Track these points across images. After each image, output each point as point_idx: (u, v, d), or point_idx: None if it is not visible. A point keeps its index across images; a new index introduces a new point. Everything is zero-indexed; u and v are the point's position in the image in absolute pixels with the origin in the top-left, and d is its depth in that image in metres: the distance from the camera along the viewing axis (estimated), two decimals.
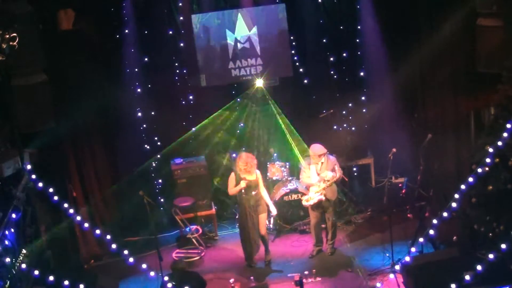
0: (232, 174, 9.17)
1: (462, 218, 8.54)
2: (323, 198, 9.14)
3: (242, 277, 9.13)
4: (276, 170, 10.54)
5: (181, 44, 11.10)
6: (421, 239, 8.53)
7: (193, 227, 10.34)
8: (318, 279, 8.84)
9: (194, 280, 8.01)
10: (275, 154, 10.69)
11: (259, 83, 10.29)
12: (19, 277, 7.49)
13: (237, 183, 9.03)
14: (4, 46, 6.83)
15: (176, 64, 11.19)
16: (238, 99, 11.08)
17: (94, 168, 10.38)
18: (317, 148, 9.14)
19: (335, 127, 11.36)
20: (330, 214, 9.34)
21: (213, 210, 10.50)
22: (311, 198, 9.21)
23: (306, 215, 10.23)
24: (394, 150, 9.42)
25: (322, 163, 9.16)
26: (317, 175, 9.19)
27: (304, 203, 9.34)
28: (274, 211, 9.36)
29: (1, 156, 7.70)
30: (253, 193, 9.09)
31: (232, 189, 9.14)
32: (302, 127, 11.01)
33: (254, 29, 10.99)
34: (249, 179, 8.99)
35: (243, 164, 8.97)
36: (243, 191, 9.03)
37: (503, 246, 7.61)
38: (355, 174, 11.63)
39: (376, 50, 10.74)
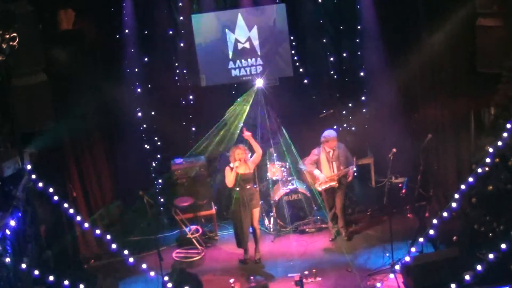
0: (227, 167, 9.26)
1: (462, 218, 8.55)
2: (336, 184, 9.47)
3: (242, 277, 9.13)
4: (276, 170, 10.53)
5: (181, 44, 11.11)
6: (421, 239, 8.53)
7: (193, 227, 10.35)
8: (318, 279, 8.84)
9: (193, 281, 8.01)
10: (275, 154, 10.69)
11: (259, 83, 10.28)
12: (19, 277, 7.48)
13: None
14: (4, 46, 6.83)
15: (176, 64, 11.19)
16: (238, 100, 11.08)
17: (94, 168, 10.38)
18: (333, 132, 9.55)
19: (335, 127, 11.35)
20: (340, 198, 9.65)
21: (213, 210, 10.50)
22: (324, 183, 9.53)
23: (306, 215, 10.26)
24: (394, 150, 9.41)
25: (334, 150, 9.48)
26: (327, 161, 9.50)
27: (317, 187, 9.66)
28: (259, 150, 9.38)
29: (1, 156, 7.69)
30: (248, 186, 9.22)
31: (229, 178, 9.20)
32: (302, 127, 11.02)
33: (254, 29, 10.99)
34: (243, 172, 9.18)
35: (241, 152, 9.16)
36: (238, 187, 9.13)
37: (503, 246, 7.60)
38: (355, 174, 11.60)
39: (376, 50, 10.73)
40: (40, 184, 8.20)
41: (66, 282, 7.82)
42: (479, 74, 8.66)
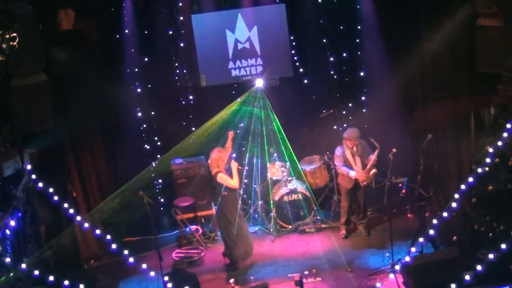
0: (222, 173, 9.09)
1: (462, 218, 8.55)
2: (376, 170, 9.73)
3: (242, 277, 9.13)
4: (276, 170, 10.53)
5: (181, 44, 11.10)
6: (421, 239, 8.54)
7: (193, 227, 10.35)
8: (318, 279, 8.84)
9: (191, 281, 8.02)
10: (275, 154, 10.68)
11: (259, 83, 10.28)
12: (19, 277, 7.49)
13: (231, 175, 9.13)
14: (4, 46, 6.85)
15: (176, 64, 11.19)
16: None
17: (94, 168, 10.38)
18: (357, 132, 9.73)
19: (335, 127, 11.36)
20: (363, 192, 9.89)
21: (213, 210, 10.48)
22: (367, 176, 9.69)
23: (306, 215, 10.25)
24: (394, 150, 9.43)
25: (357, 145, 9.68)
26: (352, 156, 9.70)
27: (362, 183, 9.73)
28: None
29: (1, 156, 7.71)
30: (227, 191, 9.15)
31: (234, 179, 9.08)
32: (302, 127, 11.00)
33: (254, 29, 10.98)
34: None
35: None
36: (226, 191, 9.10)
37: (503, 246, 7.62)
38: None
39: (376, 50, 10.73)
40: (40, 184, 8.21)
41: (66, 282, 7.83)
42: (479, 74, 8.67)
